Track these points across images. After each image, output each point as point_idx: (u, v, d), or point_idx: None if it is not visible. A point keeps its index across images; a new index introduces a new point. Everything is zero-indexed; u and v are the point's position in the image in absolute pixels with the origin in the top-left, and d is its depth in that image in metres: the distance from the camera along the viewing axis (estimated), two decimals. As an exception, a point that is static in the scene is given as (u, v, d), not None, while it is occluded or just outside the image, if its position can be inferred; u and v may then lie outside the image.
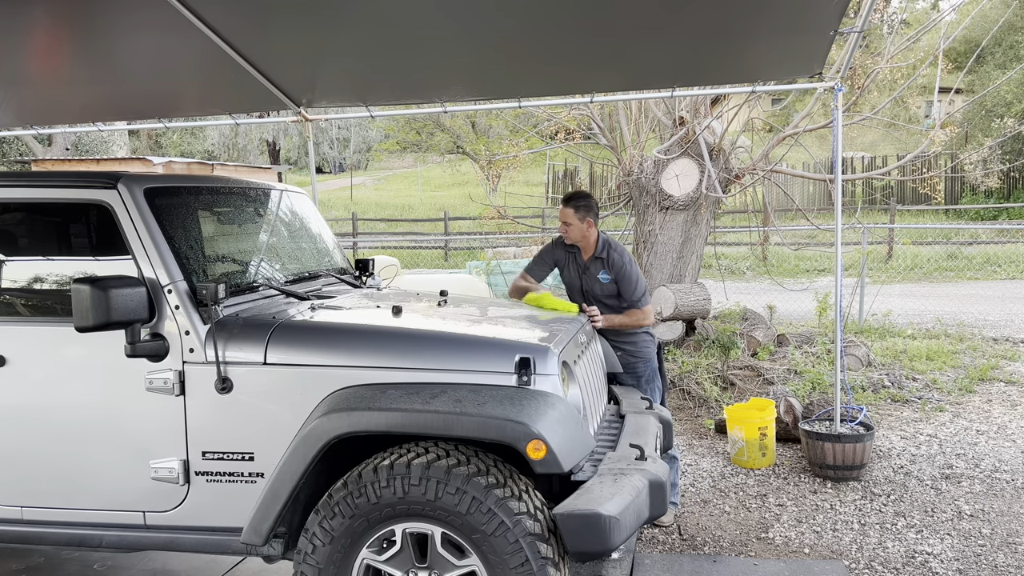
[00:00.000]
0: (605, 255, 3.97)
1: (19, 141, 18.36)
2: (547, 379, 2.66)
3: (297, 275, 3.54)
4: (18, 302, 3.04)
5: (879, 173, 10.70)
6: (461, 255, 18.58)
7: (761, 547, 3.97)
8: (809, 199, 21.98)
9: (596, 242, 3.99)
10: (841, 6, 3.60)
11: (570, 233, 3.98)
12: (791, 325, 9.03)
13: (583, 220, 3.93)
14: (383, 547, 2.62)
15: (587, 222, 3.94)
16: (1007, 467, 4.95)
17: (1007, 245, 16.49)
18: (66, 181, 3.00)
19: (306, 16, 3.82)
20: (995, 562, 3.74)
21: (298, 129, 25.95)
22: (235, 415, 2.79)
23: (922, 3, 30.24)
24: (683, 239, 7.75)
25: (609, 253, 3.97)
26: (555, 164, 25.54)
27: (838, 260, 4.71)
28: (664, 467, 2.73)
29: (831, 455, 4.74)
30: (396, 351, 2.73)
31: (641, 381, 4.05)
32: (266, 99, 4.98)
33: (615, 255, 3.96)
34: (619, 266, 3.94)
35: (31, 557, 3.94)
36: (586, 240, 3.99)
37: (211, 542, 2.88)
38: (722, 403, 6.19)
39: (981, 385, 6.88)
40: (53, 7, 3.77)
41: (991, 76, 23.63)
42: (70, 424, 2.93)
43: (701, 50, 4.35)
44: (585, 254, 4.04)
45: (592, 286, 4.00)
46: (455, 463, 2.53)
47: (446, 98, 5.03)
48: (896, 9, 16.56)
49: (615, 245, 4.01)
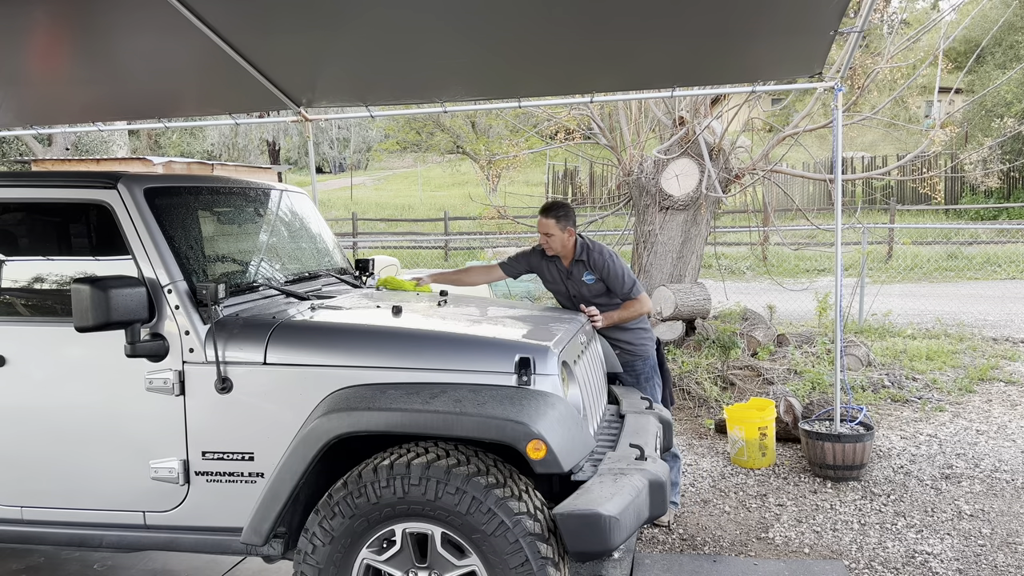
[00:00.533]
0: (585, 257, 3.96)
1: (19, 141, 18.36)
2: (547, 379, 2.66)
3: (297, 275, 3.54)
4: (18, 302, 3.04)
5: (879, 173, 10.70)
6: (461, 255, 18.57)
7: (761, 547, 3.97)
8: (809, 199, 21.98)
9: (574, 247, 3.98)
10: (841, 6, 3.60)
11: (551, 243, 3.96)
12: (791, 325, 9.03)
13: (564, 229, 3.92)
14: (383, 547, 2.62)
15: (568, 231, 3.93)
16: (1007, 467, 4.95)
17: (1007, 245, 16.48)
18: (66, 181, 3.00)
19: (306, 16, 3.81)
20: (995, 562, 3.74)
21: (298, 129, 25.97)
22: (235, 415, 2.79)
23: (922, 3, 30.24)
24: (683, 239, 7.75)
25: (589, 254, 3.95)
26: (555, 164, 25.52)
27: (838, 260, 4.71)
28: (664, 467, 2.73)
29: (831, 455, 4.74)
30: (396, 351, 2.73)
31: (640, 379, 4.06)
32: (266, 99, 4.98)
33: (595, 255, 3.94)
34: (600, 264, 3.93)
35: (31, 557, 3.94)
36: (565, 248, 3.97)
37: (211, 542, 2.88)
38: (722, 403, 6.19)
39: (981, 385, 6.88)
40: (53, 7, 3.77)
41: (991, 76, 23.62)
42: (70, 424, 2.93)
43: (701, 50, 4.35)
44: (566, 261, 4.01)
45: (579, 290, 3.99)
46: (455, 463, 2.53)
47: (446, 98, 5.03)
48: (896, 9, 16.56)
49: (592, 245, 4.00)
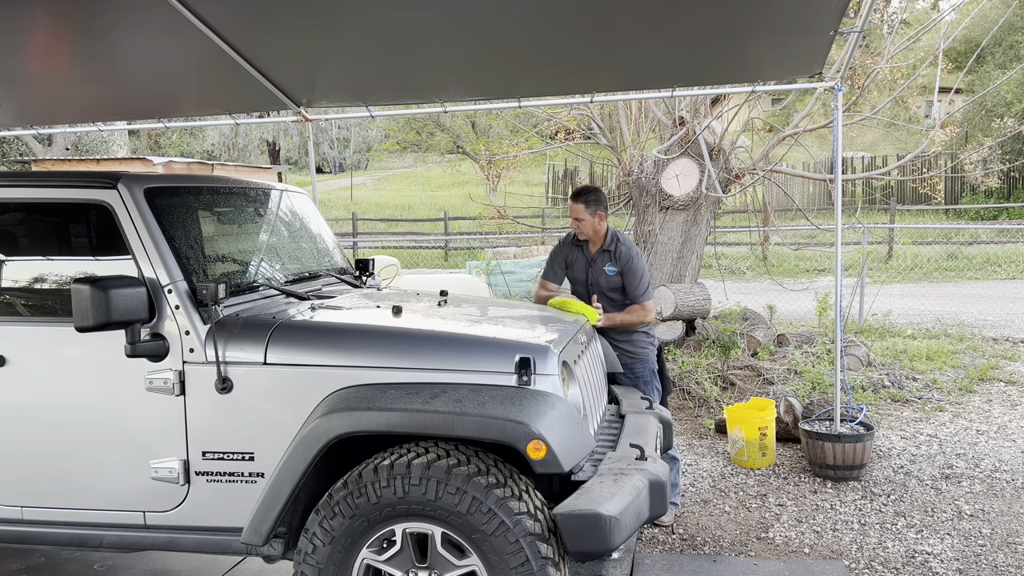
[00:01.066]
0: (613, 247, 3.98)
1: (19, 141, 18.34)
2: (547, 379, 2.66)
3: (297, 275, 3.54)
4: (18, 302, 3.04)
5: (879, 173, 10.70)
6: (461, 255, 18.57)
7: (761, 547, 3.97)
8: (809, 199, 21.98)
9: (605, 235, 4.01)
10: (841, 6, 3.60)
11: (582, 228, 3.99)
12: (791, 325, 9.03)
13: (594, 214, 3.95)
14: (383, 547, 2.62)
15: (598, 215, 3.96)
16: (1007, 467, 4.95)
17: (1007, 245, 16.49)
18: (66, 181, 2.99)
19: (306, 16, 3.81)
20: (995, 562, 3.74)
21: (298, 129, 25.98)
22: (235, 415, 2.79)
23: (922, 3, 30.25)
24: (683, 239, 7.75)
25: (617, 246, 3.98)
26: (555, 164, 25.53)
27: (838, 260, 4.71)
28: (664, 467, 2.73)
29: (831, 455, 4.74)
30: (396, 351, 2.73)
31: (639, 382, 4.05)
32: (266, 99, 4.98)
33: (623, 248, 3.97)
34: (626, 259, 3.95)
35: (31, 557, 3.94)
36: (597, 234, 4.01)
37: (211, 542, 2.88)
38: (722, 403, 6.19)
39: (981, 385, 6.88)
40: (53, 7, 3.77)
41: (991, 76, 23.62)
42: (70, 424, 2.93)
43: (701, 50, 4.35)
44: (593, 247, 4.05)
45: (598, 278, 4.01)
46: (455, 463, 2.53)
47: (446, 98, 5.03)
48: (896, 9, 16.57)
49: (623, 239, 4.02)
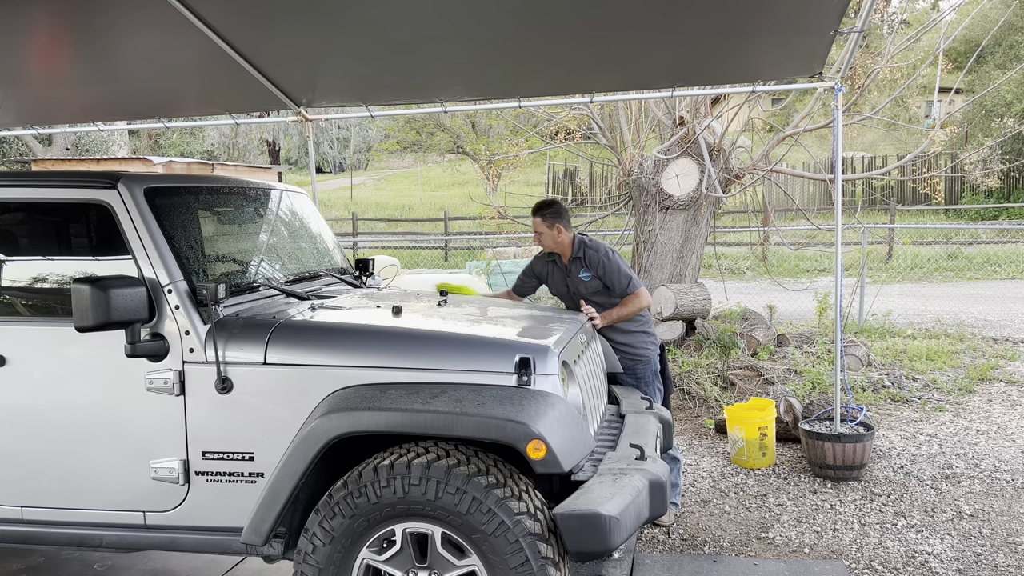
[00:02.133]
0: (582, 254, 4.04)
1: (19, 141, 18.35)
2: (547, 379, 2.66)
3: (297, 275, 3.54)
4: (18, 302, 3.04)
5: (879, 173, 10.69)
6: (461, 255, 18.57)
7: (761, 547, 3.97)
8: (809, 199, 21.98)
9: (572, 244, 4.07)
10: (841, 6, 3.60)
11: (543, 241, 4.09)
12: (791, 325, 9.03)
13: (552, 227, 4.02)
14: (383, 547, 2.62)
15: (556, 228, 4.02)
16: (1007, 467, 4.95)
17: (1007, 245, 16.49)
18: (66, 181, 3.00)
19: (306, 16, 3.81)
20: (995, 562, 3.74)
21: (298, 129, 25.99)
22: (235, 415, 2.79)
23: (922, 3, 30.25)
24: (683, 239, 7.75)
25: (585, 251, 4.03)
26: (555, 164, 25.53)
27: (838, 260, 4.71)
28: (664, 467, 2.73)
29: (831, 455, 4.74)
30: (396, 351, 2.73)
31: (641, 383, 4.05)
32: (266, 99, 4.98)
33: (590, 252, 4.02)
34: (596, 262, 3.99)
35: (31, 557, 3.94)
36: (560, 245, 4.07)
37: (211, 542, 2.88)
38: (722, 403, 6.19)
39: (981, 385, 6.88)
40: (53, 7, 3.77)
41: (991, 76, 23.62)
42: (70, 424, 2.93)
43: (701, 50, 4.35)
44: (564, 258, 4.11)
45: (577, 287, 4.06)
46: (455, 463, 2.53)
47: (446, 98, 5.03)
48: (896, 9, 16.57)
49: (590, 242, 4.08)
